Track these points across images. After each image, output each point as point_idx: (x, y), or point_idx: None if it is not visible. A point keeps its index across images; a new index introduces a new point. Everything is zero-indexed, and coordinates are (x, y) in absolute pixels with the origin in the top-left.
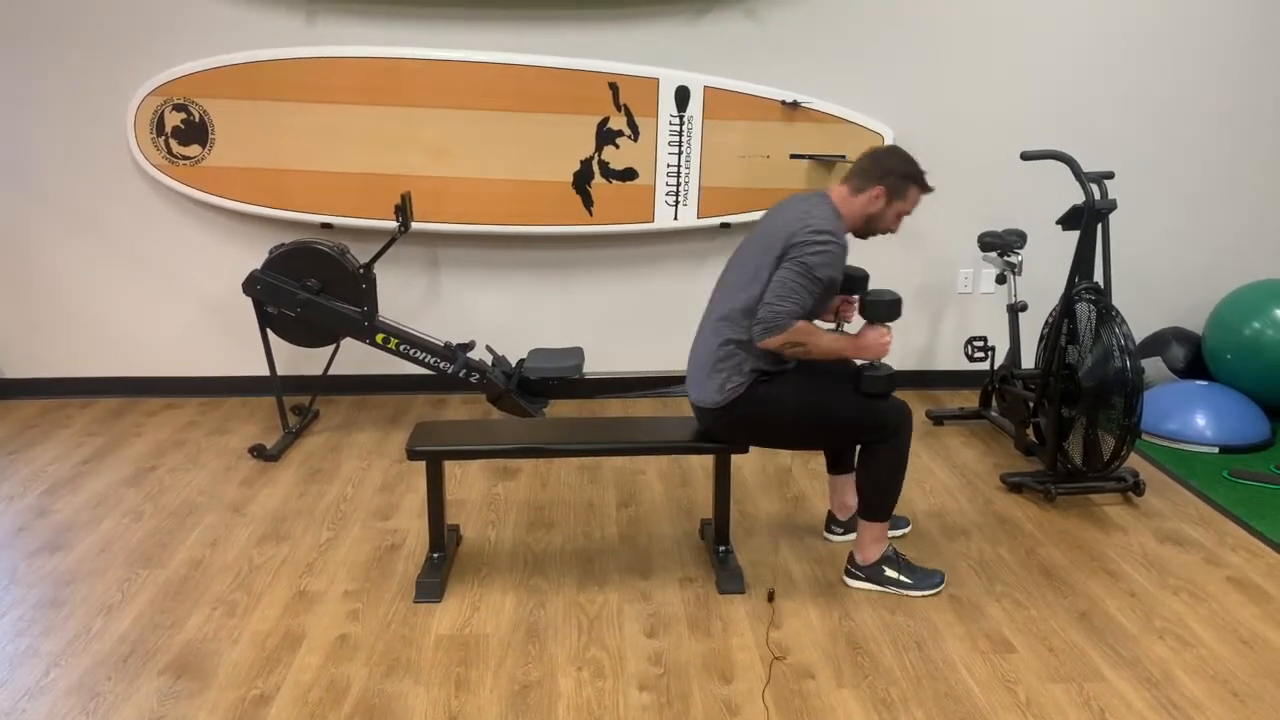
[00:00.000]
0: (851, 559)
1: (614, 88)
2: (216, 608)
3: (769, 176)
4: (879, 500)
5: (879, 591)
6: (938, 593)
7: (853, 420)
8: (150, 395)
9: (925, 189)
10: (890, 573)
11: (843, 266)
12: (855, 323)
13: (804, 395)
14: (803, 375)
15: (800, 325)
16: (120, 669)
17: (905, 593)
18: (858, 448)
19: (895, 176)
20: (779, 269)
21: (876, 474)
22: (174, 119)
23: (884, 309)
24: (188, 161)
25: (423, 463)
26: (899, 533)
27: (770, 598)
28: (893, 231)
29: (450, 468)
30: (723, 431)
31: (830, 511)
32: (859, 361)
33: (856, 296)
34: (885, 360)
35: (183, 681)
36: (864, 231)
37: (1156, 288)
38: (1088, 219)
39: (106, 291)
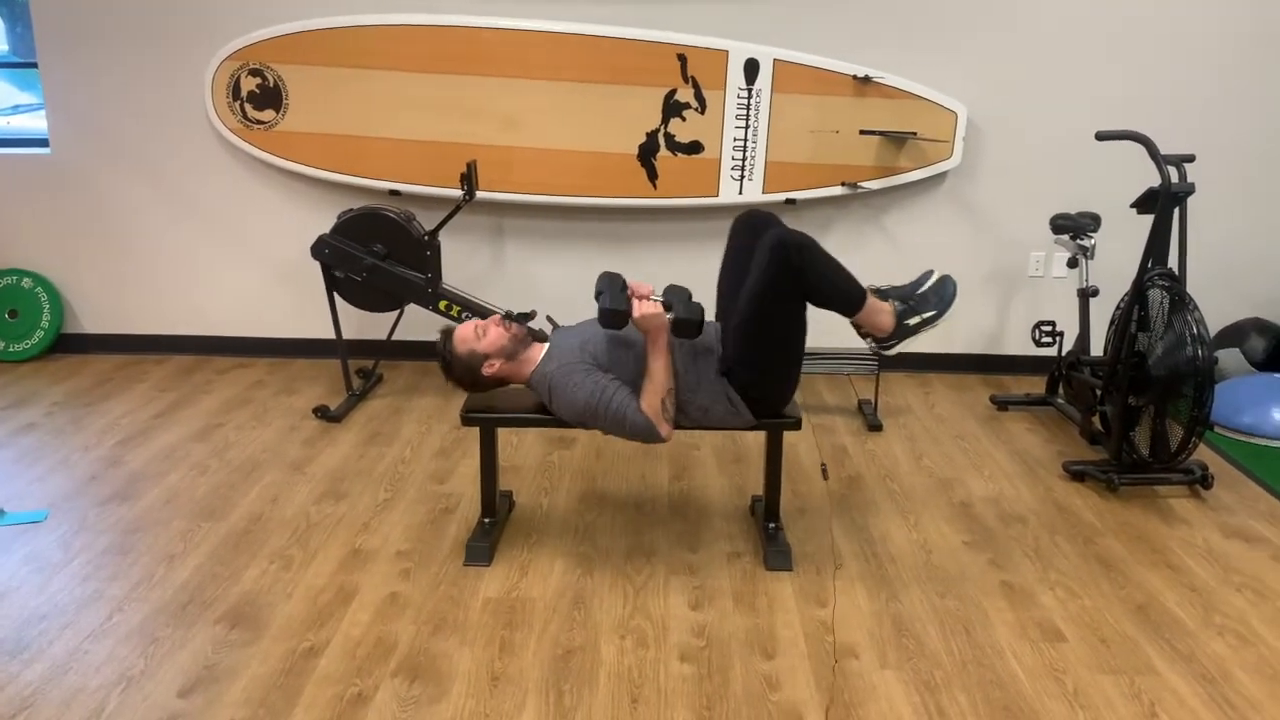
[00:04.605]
0: (876, 340)
1: (682, 59)
2: (273, 562)
3: (838, 152)
4: (843, 298)
5: (910, 343)
6: (955, 297)
7: (775, 305)
8: (221, 354)
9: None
10: (912, 321)
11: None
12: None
13: (755, 349)
14: (732, 344)
15: (645, 407)
16: (179, 616)
17: (939, 323)
18: (825, 292)
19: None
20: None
21: (820, 292)
22: (249, 84)
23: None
24: (262, 126)
25: (476, 428)
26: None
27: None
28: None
29: (507, 435)
30: (769, 410)
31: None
32: (669, 316)
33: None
34: (679, 305)
35: (237, 631)
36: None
37: (1237, 277)
38: (1163, 202)
39: (182, 251)
